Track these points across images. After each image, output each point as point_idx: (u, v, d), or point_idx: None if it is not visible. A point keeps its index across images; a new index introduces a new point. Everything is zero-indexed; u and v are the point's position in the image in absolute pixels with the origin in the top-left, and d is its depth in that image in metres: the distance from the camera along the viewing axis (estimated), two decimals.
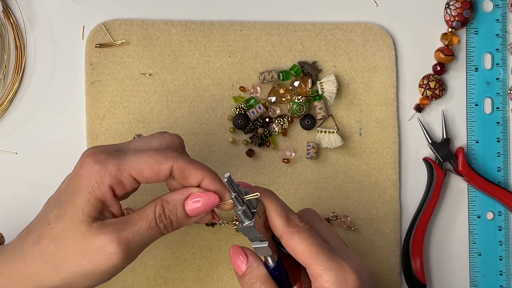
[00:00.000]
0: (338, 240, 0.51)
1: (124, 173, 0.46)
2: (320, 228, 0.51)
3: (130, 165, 0.46)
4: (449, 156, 0.67)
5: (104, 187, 0.46)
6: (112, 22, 0.64)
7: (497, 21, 0.68)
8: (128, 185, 0.47)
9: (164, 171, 0.46)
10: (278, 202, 0.49)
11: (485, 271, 0.68)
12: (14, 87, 0.63)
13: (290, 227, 0.48)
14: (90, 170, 0.46)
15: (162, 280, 0.64)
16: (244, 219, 0.48)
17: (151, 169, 0.46)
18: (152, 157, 0.46)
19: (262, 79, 0.64)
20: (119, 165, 0.46)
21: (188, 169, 0.47)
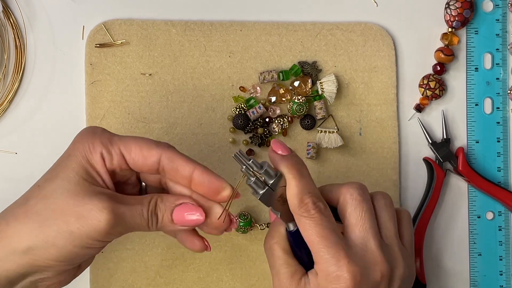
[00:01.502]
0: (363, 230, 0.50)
1: (114, 147, 0.47)
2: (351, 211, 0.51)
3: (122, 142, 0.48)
4: (449, 156, 0.67)
5: (96, 152, 0.47)
6: (112, 22, 0.64)
7: (497, 21, 0.68)
8: (116, 160, 0.47)
9: (153, 156, 0.47)
10: (300, 180, 0.50)
11: (485, 271, 0.68)
12: (14, 87, 0.63)
13: (302, 210, 0.49)
14: (84, 137, 0.48)
15: (162, 280, 0.64)
16: (256, 189, 0.50)
17: (140, 151, 0.47)
18: (144, 141, 0.48)
19: (262, 79, 0.64)
20: (111, 139, 0.48)
21: (178, 159, 0.48)
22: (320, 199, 0.50)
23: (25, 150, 0.64)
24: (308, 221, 0.49)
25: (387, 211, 0.53)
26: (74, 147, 0.47)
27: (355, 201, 0.51)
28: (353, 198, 0.51)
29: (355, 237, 0.50)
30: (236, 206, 0.65)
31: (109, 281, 0.64)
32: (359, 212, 0.50)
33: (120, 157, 0.47)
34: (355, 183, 0.52)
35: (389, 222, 0.52)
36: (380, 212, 0.52)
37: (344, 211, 0.51)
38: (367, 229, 0.50)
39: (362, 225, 0.50)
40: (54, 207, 0.46)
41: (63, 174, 0.47)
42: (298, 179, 0.50)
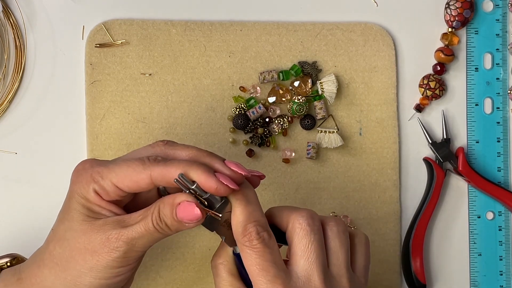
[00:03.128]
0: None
1: (106, 181, 0.47)
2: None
3: (111, 174, 0.47)
4: (449, 156, 0.67)
5: (90, 190, 0.48)
6: (112, 22, 0.64)
7: (497, 21, 0.68)
8: (111, 192, 0.48)
9: (143, 179, 0.47)
10: (245, 208, 0.48)
11: (485, 271, 0.68)
12: (14, 87, 0.63)
13: (245, 239, 0.48)
14: (77, 176, 0.49)
15: (162, 280, 0.64)
16: None
17: (130, 179, 0.47)
18: (131, 167, 0.47)
19: (262, 79, 0.64)
20: (102, 173, 0.47)
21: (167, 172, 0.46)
22: (265, 228, 0.48)
23: (25, 150, 0.64)
24: (249, 251, 0.47)
25: (339, 238, 0.50)
26: (71, 188, 0.49)
27: (303, 231, 0.49)
28: (301, 227, 0.49)
29: (299, 269, 0.48)
30: None
31: None
32: (305, 243, 0.49)
33: (114, 188, 0.47)
34: (305, 211, 0.50)
35: (340, 251, 0.50)
36: (331, 240, 0.50)
37: (291, 240, 0.49)
38: (312, 261, 0.48)
39: (307, 257, 0.48)
40: (70, 248, 0.48)
41: (68, 216, 0.48)
42: (243, 206, 0.48)
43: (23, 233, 0.63)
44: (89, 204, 0.48)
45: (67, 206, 0.49)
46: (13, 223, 0.63)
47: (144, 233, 0.47)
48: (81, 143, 0.64)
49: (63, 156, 0.64)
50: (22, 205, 0.64)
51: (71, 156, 0.64)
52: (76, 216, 0.48)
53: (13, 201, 0.63)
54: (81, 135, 0.64)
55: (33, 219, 0.63)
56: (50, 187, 0.63)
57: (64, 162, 0.63)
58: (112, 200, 0.49)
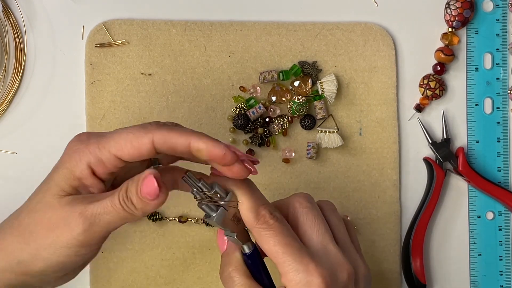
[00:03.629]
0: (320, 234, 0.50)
1: (104, 151, 0.45)
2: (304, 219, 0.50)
3: (111, 143, 0.45)
4: (449, 156, 0.67)
5: (82, 164, 0.46)
6: (112, 22, 0.64)
7: (497, 21, 0.68)
8: (109, 163, 0.46)
9: (145, 144, 0.45)
10: (252, 195, 0.48)
11: (485, 271, 0.68)
12: (14, 87, 0.63)
13: (259, 223, 0.48)
14: (71, 148, 0.47)
15: (162, 280, 0.64)
16: (209, 212, 0.47)
17: (131, 144, 0.45)
18: (132, 132, 0.45)
19: (262, 79, 0.64)
20: (99, 143, 0.46)
21: (170, 137, 0.45)
22: (275, 209, 0.49)
23: (25, 150, 0.64)
24: (268, 232, 0.47)
25: (335, 215, 0.52)
26: (61, 159, 0.47)
27: (306, 209, 0.50)
28: (303, 206, 0.50)
29: (314, 243, 0.49)
30: None
31: (109, 281, 0.64)
32: (312, 218, 0.49)
33: (113, 158, 0.46)
34: (301, 193, 0.51)
35: (340, 226, 0.51)
36: (329, 217, 0.51)
37: (296, 220, 0.50)
38: (323, 233, 0.49)
39: (318, 230, 0.49)
40: (36, 221, 0.47)
41: (45, 187, 0.47)
42: (250, 194, 0.48)
43: None
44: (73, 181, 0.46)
45: (49, 177, 0.47)
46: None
47: (109, 209, 0.45)
48: None
49: None
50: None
51: None
52: (52, 189, 0.47)
53: (13, 201, 0.63)
54: None
55: None
56: None
57: None
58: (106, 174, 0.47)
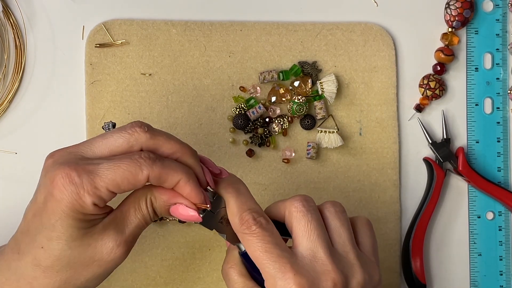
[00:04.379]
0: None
1: (102, 190, 0.45)
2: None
3: (107, 182, 0.45)
4: (449, 156, 0.67)
5: (88, 206, 0.45)
6: (112, 22, 0.64)
7: (497, 21, 0.68)
8: (107, 198, 0.46)
9: (141, 181, 0.46)
10: (237, 199, 0.49)
11: (485, 271, 0.68)
12: (14, 87, 0.63)
13: (243, 228, 0.49)
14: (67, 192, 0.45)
15: (162, 280, 0.64)
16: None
17: (128, 182, 0.45)
18: (128, 169, 0.45)
19: (262, 79, 0.64)
20: (95, 183, 0.44)
21: (165, 174, 0.46)
22: (261, 214, 0.49)
23: (25, 150, 0.64)
24: (250, 237, 0.48)
25: (338, 218, 0.51)
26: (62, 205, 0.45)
27: (300, 213, 0.50)
28: (297, 210, 0.50)
29: (303, 249, 0.49)
30: None
31: (109, 281, 0.64)
32: (304, 223, 0.49)
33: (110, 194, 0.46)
34: (298, 196, 0.51)
35: (341, 229, 0.51)
36: (331, 220, 0.51)
37: (290, 224, 0.50)
38: (314, 239, 0.49)
39: (309, 236, 0.49)
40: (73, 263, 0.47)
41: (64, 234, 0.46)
42: (235, 197, 0.49)
43: None
44: (85, 217, 0.46)
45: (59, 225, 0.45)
46: (13, 223, 0.63)
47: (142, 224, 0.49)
48: None
49: None
50: (22, 205, 0.64)
51: None
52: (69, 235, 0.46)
53: (13, 201, 0.63)
54: (81, 135, 0.64)
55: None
56: None
57: None
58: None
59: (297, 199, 0.51)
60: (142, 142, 0.46)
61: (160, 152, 0.47)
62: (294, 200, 0.51)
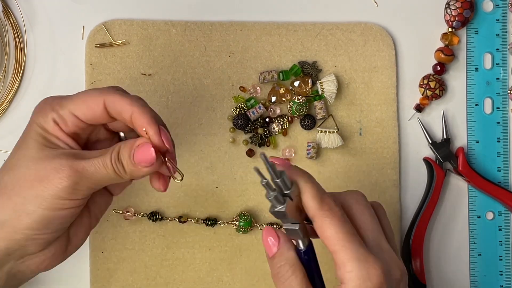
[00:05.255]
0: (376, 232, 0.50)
1: (64, 110, 0.48)
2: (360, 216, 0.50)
3: (69, 103, 0.48)
4: (449, 156, 0.67)
5: (49, 120, 0.48)
6: (112, 22, 0.64)
7: (497, 21, 0.68)
8: (70, 121, 0.48)
9: (98, 105, 0.48)
10: (314, 184, 0.48)
11: (485, 271, 0.68)
12: (14, 87, 0.63)
13: (323, 210, 0.47)
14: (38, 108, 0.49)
15: (162, 280, 0.64)
16: (276, 204, 0.46)
17: (86, 105, 0.48)
18: (89, 92, 0.49)
19: (262, 79, 0.64)
20: (60, 103, 0.49)
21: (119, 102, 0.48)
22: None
23: None
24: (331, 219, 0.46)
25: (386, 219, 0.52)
26: (31, 119, 0.49)
27: (362, 206, 0.50)
28: (359, 203, 0.50)
29: (369, 239, 0.49)
30: (235, 207, 0.65)
31: (109, 281, 0.64)
32: (367, 216, 0.49)
33: (73, 117, 0.48)
34: (357, 191, 0.51)
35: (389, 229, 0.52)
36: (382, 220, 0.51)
37: (351, 216, 0.49)
38: (378, 232, 0.49)
39: (373, 228, 0.49)
40: (19, 176, 0.47)
41: (24, 144, 0.48)
42: (312, 182, 0.48)
43: None
44: (47, 134, 0.48)
45: (24, 135, 0.49)
46: None
47: (100, 167, 0.48)
48: None
49: None
50: None
51: None
52: (32, 144, 0.48)
53: None
54: None
55: None
56: None
57: None
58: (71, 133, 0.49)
59: (358, 194, 0.51)
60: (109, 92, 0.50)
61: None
62: (354, 193, 0.51)
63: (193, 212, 0.64)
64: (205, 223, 0.64)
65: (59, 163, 0.47)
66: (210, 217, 0.64)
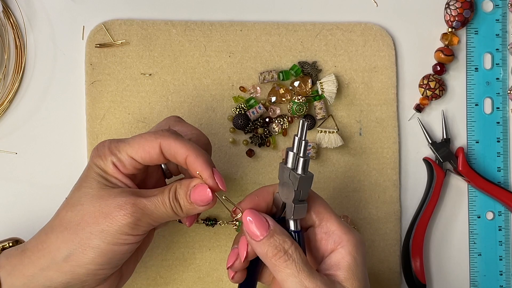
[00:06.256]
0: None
1: (122, 153, 0.50)
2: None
3: (127, 147, 0.50)
4: (449, 156, 0.67)
5: (108, 163, 0.50)
6: (112, 22, 0.64)
7: (497, 21, 0.68)
8: (127, 164, 0.50)
9: (154, 149, 0.50)
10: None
11: (485, 271, 0.68)
12: (14, 87, 0.63)
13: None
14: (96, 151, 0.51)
15: (162, 280, 0.64)
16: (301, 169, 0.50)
17: (143, 148, 0.50)
18: (144, 137, 0.50)
19: (262, 79, 0.64)
20: (118, 147, 0.50)
21: (174, 146, 0.49)
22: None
23: (25, 150, 0.64)
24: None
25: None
26: (90, 162, 0.51)
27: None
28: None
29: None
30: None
31: None
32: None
33: (130, 160, 0.50)
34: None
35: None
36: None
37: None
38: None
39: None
40: (83, 212, 0.49)
41: (85, 183, 0.50)
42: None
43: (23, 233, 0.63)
44: (106, 175, 0.50)
45: (85, 176, 0.51)
46: (13, 223, 0.63)
47: (159, 205, 0.49)
48: (81, 143, 0.64)
49: (63, 156, 0.64)
50: (22, 205, 0.64)
51: (71, 156, 0.64)
52: (94, 184, 0.50)
53: (13, 201, 0.64)
54: (81, 135, 0.64)
55: (33, 219, 0.63)
56: (50, 187, 0.63)
57: (64, 162, 0.63)
58: (128, 174, 0.51)
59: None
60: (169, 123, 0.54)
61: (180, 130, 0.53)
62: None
63: None
64: (205, 223, 0.64)
65: (122, 201, 0.48)
66: (210, 217, 0.64)
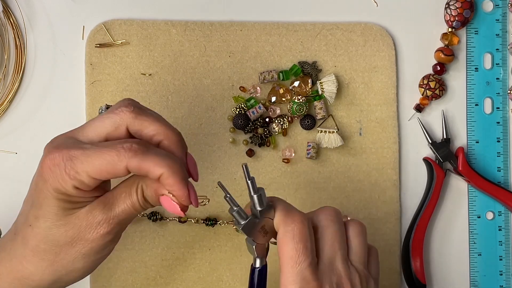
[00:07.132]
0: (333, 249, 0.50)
1: (83, 174, 0.46)
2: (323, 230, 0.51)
3: (87, 168, 0.46)
4: (449, 156, 0.67)
5: (69, 187, 0.46)
6: (112, 22, 0.64)
7: (497, 21, 0.68)
8: (89, 183, 0.46)
9: (119, 171, 0.46)
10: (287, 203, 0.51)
11: (485, 271, 0.68)
12: (14, 87, 0.63)
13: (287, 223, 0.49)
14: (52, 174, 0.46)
15: (162, 280, 0.64)
16: (239, 219, 0.50)
17: (107, 172, 0.45)
18: (107, 159, 0.45)
19: (262, 79, 0.64)
20: (76, 168, 0.46)
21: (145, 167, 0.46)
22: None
23: (25, 150, 0.64)
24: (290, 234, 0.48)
25: (359, 239, 0.52)
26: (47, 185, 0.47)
27: (327, 221, 0.50)
28: (327, 218, 0.51)
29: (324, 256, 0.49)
30: None
31: (109, 281, 0.64)
32: (331, 231, 0.50)
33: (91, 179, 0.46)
34: (331, 207, 0.52)
35: (359, 249, 0.51)
36: (352, 238, 0.51)
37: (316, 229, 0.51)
38: (336, 249, 0.50)
39: (332, 245, 0.50)
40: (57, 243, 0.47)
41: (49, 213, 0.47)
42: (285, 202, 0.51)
43: None
44: (69, 198, 0.47)
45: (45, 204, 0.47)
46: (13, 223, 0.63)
47: (131, 210, 0.48)
48: None
49: None
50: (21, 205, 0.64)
51: None
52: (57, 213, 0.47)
53: (13, 201, 0.63)
54: None
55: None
56: None
57: None
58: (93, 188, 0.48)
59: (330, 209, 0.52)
60: (127, 122, 0.47)
61: (145, 132, 0.48)
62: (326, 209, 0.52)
63: (193, 212, 0.64)
64: (205, 223, 0.64)
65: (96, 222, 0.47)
66: (210, 217, 0.64)
